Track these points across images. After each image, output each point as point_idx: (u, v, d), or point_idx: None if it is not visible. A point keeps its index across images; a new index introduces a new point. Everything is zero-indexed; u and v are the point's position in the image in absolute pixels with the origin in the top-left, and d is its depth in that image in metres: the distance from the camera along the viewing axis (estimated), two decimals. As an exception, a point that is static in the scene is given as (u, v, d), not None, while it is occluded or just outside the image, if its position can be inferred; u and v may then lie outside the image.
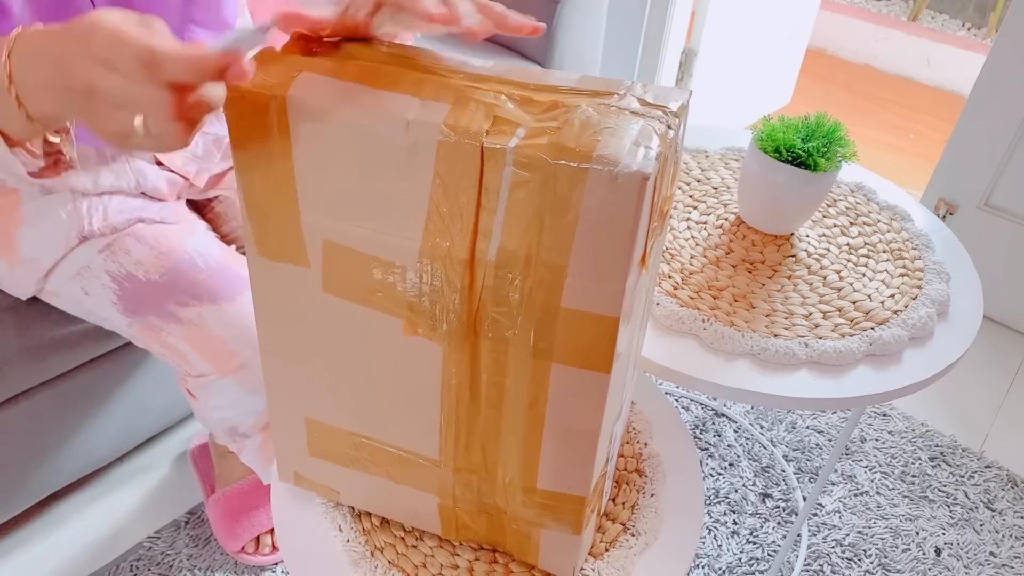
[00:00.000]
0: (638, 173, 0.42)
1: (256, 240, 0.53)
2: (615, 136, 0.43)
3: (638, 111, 0.46)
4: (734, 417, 1.47)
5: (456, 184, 0.46)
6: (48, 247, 0.90)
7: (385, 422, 0.59)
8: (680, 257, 0.86)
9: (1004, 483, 1.40)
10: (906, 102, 2.79)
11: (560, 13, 1.42)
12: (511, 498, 0.59)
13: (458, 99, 0.46)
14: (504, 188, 0.45)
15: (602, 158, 0.42)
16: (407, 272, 0.50)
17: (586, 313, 0.48)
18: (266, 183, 0.50)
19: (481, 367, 0.53)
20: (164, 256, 0.91)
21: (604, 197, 0.43)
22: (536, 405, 0.53)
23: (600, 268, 0.46)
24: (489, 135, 0.44)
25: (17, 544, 1.19)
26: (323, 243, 0.51)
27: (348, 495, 0.66)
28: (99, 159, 0.89)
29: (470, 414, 0.55)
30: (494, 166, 0.44)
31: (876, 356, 0.78)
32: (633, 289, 0.48)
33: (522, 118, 0.45)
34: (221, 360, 0.92)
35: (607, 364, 0.50)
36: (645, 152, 0.43)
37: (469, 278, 0.49)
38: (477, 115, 0.45)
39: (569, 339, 0.49)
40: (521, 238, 0.46)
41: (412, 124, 0.45)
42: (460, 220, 0.47)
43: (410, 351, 0.54)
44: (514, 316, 0.49)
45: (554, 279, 0.47)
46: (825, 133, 0.83)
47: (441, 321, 0.51)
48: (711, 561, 1.24)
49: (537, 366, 0.51)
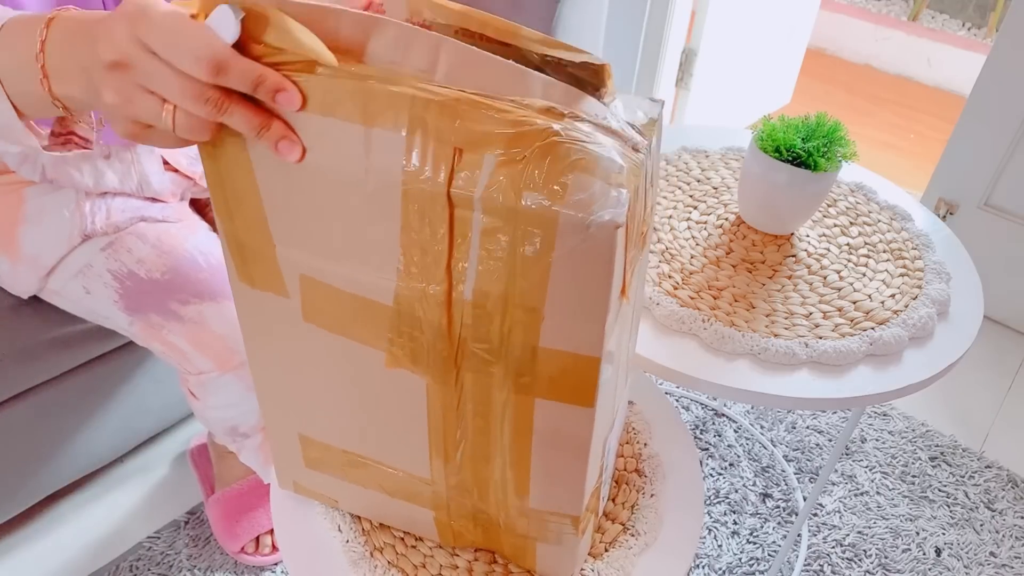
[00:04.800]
0: (610, 223, 0.40)
1: (237, 269, 0.52)
2: (586, 172, 0.41)
3: (608, 128, 0.43)
4: (734, 417, 1.47)
5: (425, 228, 0.44)
6: (50, 246, 0.90)
7: (375, 442, 0.59)
8: (680, 257, 0.86)
9: (1004, 483, 1.40)
10: (906, 102, 2.79)
11: (560, 13, 1.42)
12: (504, 514, 0.59)
13: (412, 122, 0.42)
14: (475, 232, 0.43)
15: (573, 203, 0.40)
16: (385, 308, 0.49)
17: (566, 352, 0.46)
18: (240, 216, 0.49)
19: (466, 397, 0.52)
20: (166, 255, 0.91)
21: (577, 244, 0.41)
22: (522, 435, 0.52)
23: (578, 310, 0.44)
24: (454, 178, 0.42)
25: (17, 544, 1.19)
26: (300, 277, 0.50)
27: (346, 504, 0.66)
28: (104, 157, 0.89)
29: (458, 440, 0.55)
30: (463, 211, 0.43)
31: (876, 356, 0.78)
32: (614, 323, 0.47)
33: (487, 145, 0.41)
34: (222, 358, 0.92)
35: (591, 400, 0.49)
36: (618, 196, 0.41)
37: (447, 317, 0.47)
38: (438, 148, 0.42)
39: (550, 376, 0.48)
40: (496, 280, 0.45)
41: (370, 170, 0.43)
42: (433, 263, 0.45)
43: (394, 380, 0.53)
44: (495, 352, 0.48)
45: (531, 321, 0.45)
46: (825, 133, 0.83)
47: (422, 356, 0.50)
48: (711, 561, 1.24)
49: (520, 400, 0.50)
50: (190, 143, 0.47)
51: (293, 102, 0.43)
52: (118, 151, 0.90)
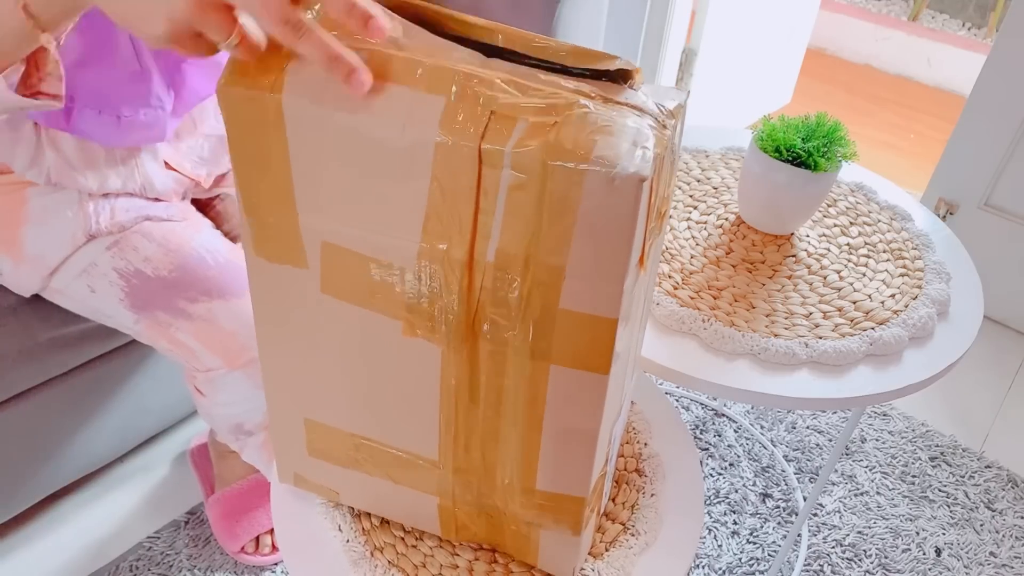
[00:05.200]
0: (635, 175, 0.42)
1: (254, 241, 0.53)
2: (613, 135, 0.43)
3: (636, 106, 0.46)
4: (734, 417, 1.47)
5: (454, 186, 0.45)
6: (54, 246, 0.90)
7: (384, 423, 0.59)
8: (680, 257, 0.86)
9: (1004, 483, 1.40)
10: (906, 102, 2.79)
11: (560, 13, 1.42)
12: (510, 499, 0.59)
13: (454, 92, 0.45)
14: (502, 190, 0.45)
15: (599, 159, 0.42)
16: (406, 273, 0.50)
17: (584, 315, 0.47)
18: (264, 183, 0.50)
19: (480, 368, 0.52)
20: (173, 253, 0.91)
21: (601, 199, 0.43)
22: (535, 406, 0.53)
23: (598, 270, 0.46)
24: (487, 135, 0.44)
25: (17, 544, 1.19)
26: (321, 244, 0.51)
27: (347, 496, 0.66)
28: (108, 160, 0.89)
29: (469, 415, 0.55)
30: (492, 168, 0.44)
31: (876, 356, 0.78)
32: (631, 290, 0.48)
33: (520, 112, 0.44)
34: (231, 355, 0.93)
35: (606, 365, 0.49)
36: (643, 153, 0.42)
37: (468, 280, 0.48)
38: (474, 111, 0.44)
39: (567, 340, 0.49)
40: (519, 240, 0.46)
41: (408, 126, 0.44)
42: (458, 222, 0.46)
43: (409, 352, 0.53)
44: (512, 317, 0.49)
45: (552, 281, 0.47)
46: (825, 133, 0.83)
47: (440, 323, 0.51)
48: (711, 561, 1.24)
49: (535, 367, 0.51)
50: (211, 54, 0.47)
51: (382, 30, 0.44)
52: (122, 154, 0.90)
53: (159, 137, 0.88)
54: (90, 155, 0.87)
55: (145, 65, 0.83)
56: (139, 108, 0.84)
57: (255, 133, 0.48)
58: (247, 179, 0.50)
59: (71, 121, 0.81)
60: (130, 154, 0.90)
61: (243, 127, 0.48)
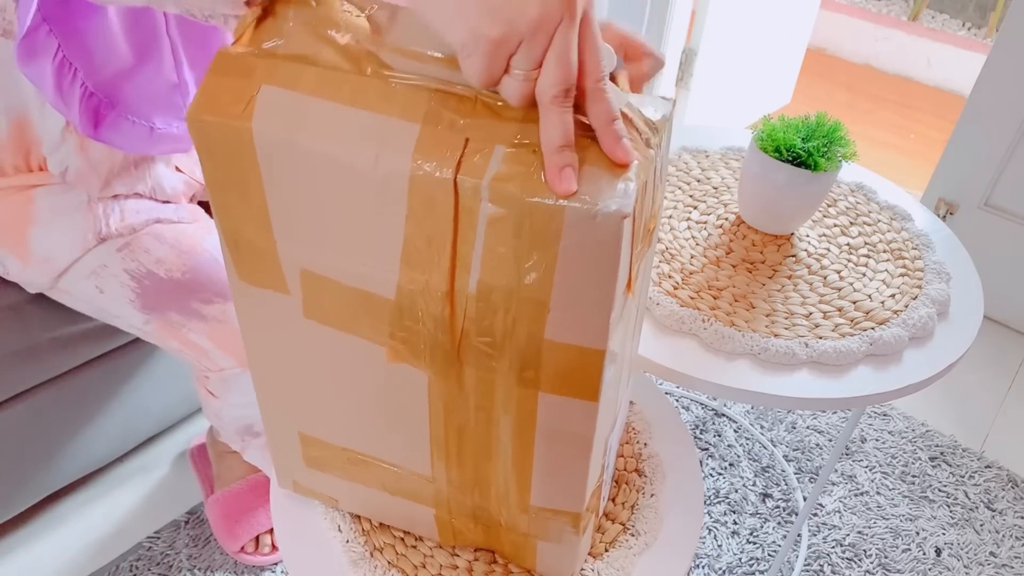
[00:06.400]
0: (617, 213, 0.40)
1: (236, 267, 0.52)
2: (595, 164, 0.41)
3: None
4: (734, 417, 1.47)
5: (431, 218, 0.44)
6: (63, 248, 0.90)
7: (375, 439, 0.59)
8: (680, 257, 0.86)
9: (1004, 483, 1.40)
10: (906, 102, 2.79)
11: (560, 13, 1.41)
12: (505, 512, 0.58)
13: (427, 115, 0.43)
14: (481, 222, 0.43)
15: (579, 196, 0.41)
16: (386, 303, 0.49)
17: (571, 345, 0.46)
18: (240, 211, 0.49)
19: (468, 392, 0.51)
20: (185, 255, 0.92)
21: (583, 235, 0.41)
22: (525, 431, 0.52)
23: (583, 302, 0.44)
24: (463, 166, 0.42)
25: (17, 544, 1.19)
26: (300, 271, 0.50)
27: (346, 503, 0.66)
28: (123, 164, 0.89)
29: (459, 436, 0.55)
30: (469, 201, 0.43)
31: (876, 356, 0.78)
32: (619, 317, 0.47)
33: (496, 140, 0.42)
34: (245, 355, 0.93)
35: (594, 394, 0.48)
36: (624, 187, 0.41)
37: (450, 310, 0.47)
38: (449, 138, 0.42)
39: (555, 370, 0.48)
40: (501, 271, 0.44)
41: (381, 156, 0.43)
42: (437, 254, 0.45)
43: (395, 375, 0.53)
44: (498, 346, 0.48)
45: (536, 313, 0.45)
46: (825, 133, 0.83)
47: (424, 350, 0.50)
48: (711, 561, 1.24)
49: (523, 394, 0.50)
50: None
51: (628, 156, 0.42)
52: (138, 159, 0.90)
53: (185, 148, 0.88)
54: (113, 159, 0.87)
55: (183, 78, 0.83)
56: (172, 120, 0.85)
57: (228, 162, 0.47)
58: (224, 207, 0.49)
59: (99, 129, 0.81)
60: (146, 158, 0.91)
61: (216, 155, 0.47)
